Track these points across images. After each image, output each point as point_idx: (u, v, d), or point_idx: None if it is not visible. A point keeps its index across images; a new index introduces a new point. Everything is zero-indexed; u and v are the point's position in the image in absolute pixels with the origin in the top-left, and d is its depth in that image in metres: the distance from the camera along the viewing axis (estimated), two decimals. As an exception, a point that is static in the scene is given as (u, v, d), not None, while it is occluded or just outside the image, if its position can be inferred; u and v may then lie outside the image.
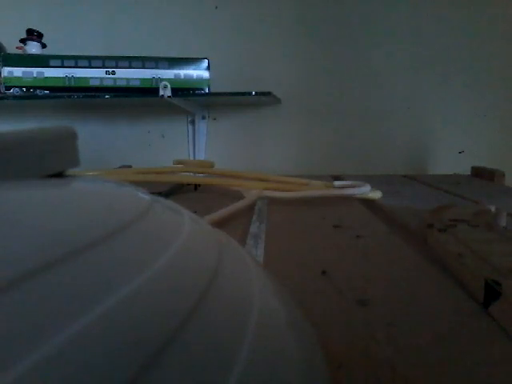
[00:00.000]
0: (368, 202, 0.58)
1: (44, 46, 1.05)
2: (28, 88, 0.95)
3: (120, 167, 0.89)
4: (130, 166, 0.90)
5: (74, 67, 0.95)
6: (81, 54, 0.97)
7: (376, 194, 0.60)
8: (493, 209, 0.46)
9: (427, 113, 1.15)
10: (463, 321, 0.23)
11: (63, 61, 0.95)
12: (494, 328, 0.22)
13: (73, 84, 0.96)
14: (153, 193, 0.15)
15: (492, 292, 0.24)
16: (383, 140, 1.16)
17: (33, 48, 1.02)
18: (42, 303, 0.07)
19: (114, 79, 0.96)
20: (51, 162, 0.12)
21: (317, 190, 0.60)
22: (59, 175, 0.13)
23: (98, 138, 1.17)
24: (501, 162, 1.07)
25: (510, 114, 1.15)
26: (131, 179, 0.60)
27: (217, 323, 0.09)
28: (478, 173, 0.91)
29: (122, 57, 0.97)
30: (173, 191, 0.63)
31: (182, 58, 0.98)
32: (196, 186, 0.67)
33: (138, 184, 0.18)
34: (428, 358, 0.19)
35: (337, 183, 0.65)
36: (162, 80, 0.94)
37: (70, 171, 0.14)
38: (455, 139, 1.15)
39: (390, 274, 0.30)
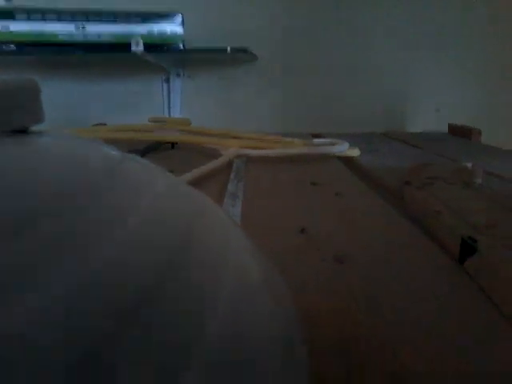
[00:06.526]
0: (346, 160, 0.58)
1: (8, -4, 0.99)
2: (-8, 43, 0.90)
3: (94, 125, 0.86)
4: (104, 124, 0.88)
5: (41, 21, 0.90)
6: (48, 6, 0.92)
7: (354, 152, 0.60)
8: (469, 166, 0.46)
9: (405, 71, 1.14)
10: (439, 276, 0.23)
11: (29, 14, 0.90)
12: (469, 283, 0.23)
13: (41, 39, 0.91)
14: (129, 151, 0.14)
15: (468, 248, 0.24)
16: (362, 98, 1.15)
17: (-5, -1, 0.96)
18: (8, 267, 0.07)
19: (85, 34, 0.92)
20: (12, 116, 0.11)
21: (295, 147, 0.60)
22: (23, 132, 0.12)
23: (69, 96, 1.13)
24: (478, 119, 1.08)
25: (487, 72, 1.15)
26: (105, 137, 0.58)
27: (192, 282, 0.09)
28: (455, 131, 0.91)
29: (93, 11, 0.92)
30: (149, 149, 0.62)
31: (154, 13, 0.94)
32: (173, 145, 0.66)
33: (112, 142, 0.17)
34: (403, 313, 0.19)
35: (316, 141, 0.65)
36: (134, 36, 0.90)
37: (38, 128, 0.13)
38: (433, 97, 1.16)
39: (368, 231, 0.31)
